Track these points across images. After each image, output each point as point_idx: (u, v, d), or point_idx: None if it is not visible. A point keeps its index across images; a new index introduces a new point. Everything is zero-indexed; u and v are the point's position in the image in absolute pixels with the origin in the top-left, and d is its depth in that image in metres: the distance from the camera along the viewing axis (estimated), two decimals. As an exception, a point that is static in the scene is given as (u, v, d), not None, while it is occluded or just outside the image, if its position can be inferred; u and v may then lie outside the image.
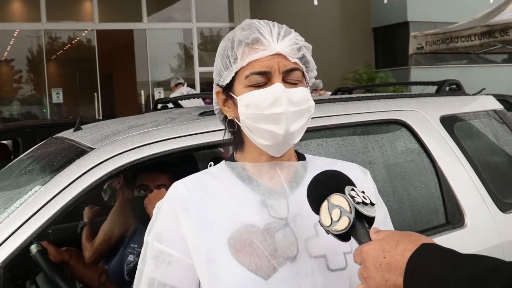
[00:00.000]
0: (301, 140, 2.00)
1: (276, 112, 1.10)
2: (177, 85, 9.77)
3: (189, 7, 13.29)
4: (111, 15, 13.04)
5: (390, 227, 1.25)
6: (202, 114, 2.10)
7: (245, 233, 1.11)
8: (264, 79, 1.12)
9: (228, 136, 1.24)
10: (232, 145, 1.24)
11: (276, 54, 1.11)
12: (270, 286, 1.08)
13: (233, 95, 1.16)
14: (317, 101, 2.21)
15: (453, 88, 2.75)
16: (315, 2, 11.33)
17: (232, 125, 1.19)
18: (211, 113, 2.02)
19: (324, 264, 1.12)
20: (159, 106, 2.97)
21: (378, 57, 16.07)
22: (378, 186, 1.36)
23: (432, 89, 2.78)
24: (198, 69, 13.30)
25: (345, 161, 1.33)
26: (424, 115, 2.40)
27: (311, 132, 2.11)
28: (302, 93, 1.13)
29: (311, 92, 1.22)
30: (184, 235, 1.12)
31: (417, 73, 12.45)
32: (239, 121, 1.16)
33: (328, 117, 2.21)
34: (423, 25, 13.58)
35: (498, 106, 2.74)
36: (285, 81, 1.12)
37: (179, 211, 1.13)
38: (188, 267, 1.12)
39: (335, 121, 2.22)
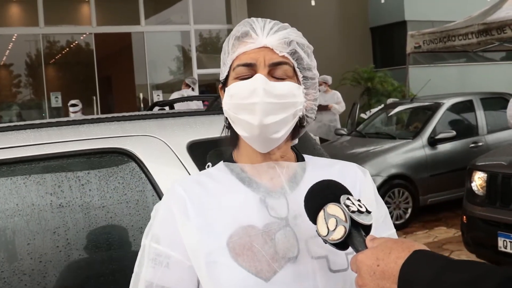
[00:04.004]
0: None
1: (251, 102, 1.10)
2: (186, 84, 9.88)
3: (187, 9, 13.31)
4: (109, 18, 13.05)
5: (390, 226, 1.24)
6: None
7: (245, 236, 1.09)
8: (250, 71, 1.12)
9: (226, 132, 1.23)
10: (229, 141, 1.23)
11: (263, 47, 1.12)
12: None
13: (226, 88, 1.17)
14: None
15: None
16: (313, 3, 11.35)
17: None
18: None
19: (326, 265, 1.11)
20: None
21: (376, 57, 16.08)
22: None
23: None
24: (196, 71, 13.31)
25: (344, 161, 1.30)
26: (163, 142, 1.93)
27: None
28: (288, 88, 1.12)
29: (320, 85, 1.21)
30: (183, 237, 1.11)
31: (415, 72, 12.47)
32: None
33: (6, 149, 1.78)
34: (420, 24, 13.60)
35: None
36: (272, 75, 1.12)
37: (177, 213, 1.12)
38: (187, 269, 1.11)
39: (15, 154, 1.78)
